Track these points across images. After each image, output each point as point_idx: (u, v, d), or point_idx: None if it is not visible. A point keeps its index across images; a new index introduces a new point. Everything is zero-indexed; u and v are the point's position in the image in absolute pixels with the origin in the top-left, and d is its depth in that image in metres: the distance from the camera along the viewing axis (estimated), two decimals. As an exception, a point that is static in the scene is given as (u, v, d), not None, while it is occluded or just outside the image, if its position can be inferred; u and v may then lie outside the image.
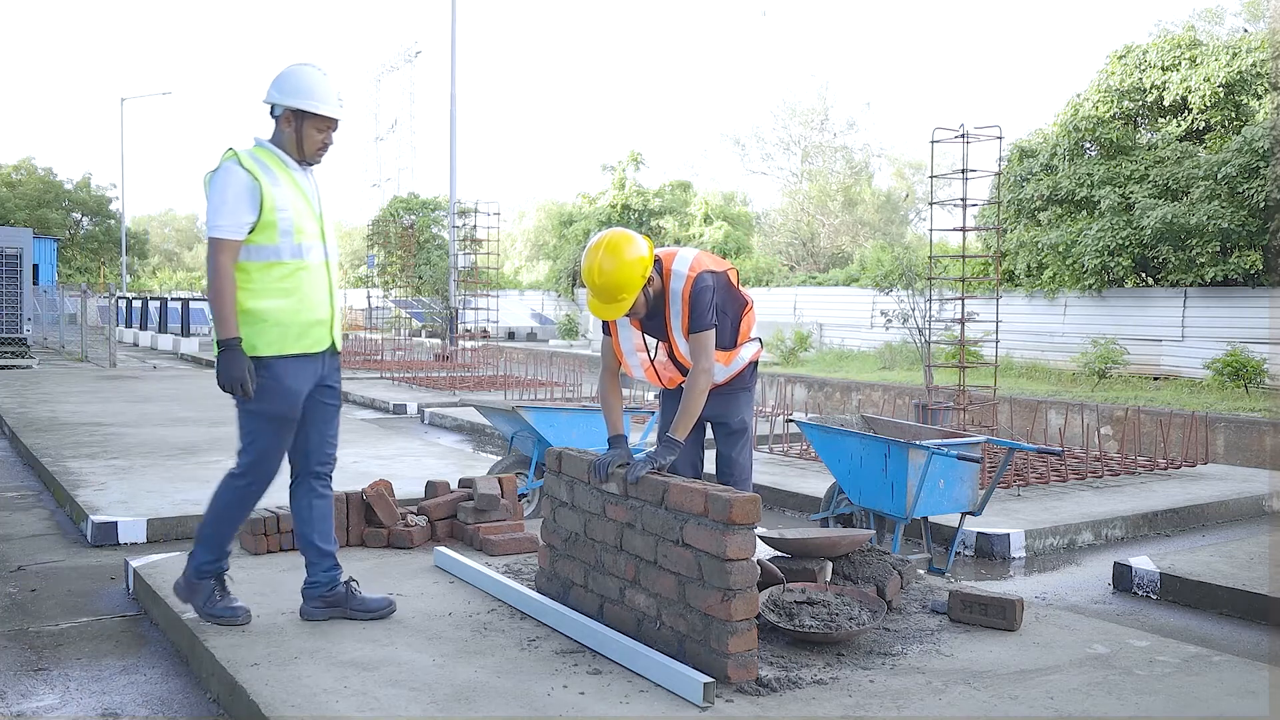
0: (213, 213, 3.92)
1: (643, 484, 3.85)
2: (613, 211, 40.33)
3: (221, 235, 3.90)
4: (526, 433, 7.18)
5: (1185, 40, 20.35)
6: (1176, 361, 18.60)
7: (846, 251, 40.91)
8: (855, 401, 17.43)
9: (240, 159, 3.97)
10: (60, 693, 3.89)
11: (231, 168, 3.95)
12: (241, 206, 3.91)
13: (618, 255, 4.11)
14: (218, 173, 3.98)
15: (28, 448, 9.23)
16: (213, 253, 3.92)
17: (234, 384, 3.92)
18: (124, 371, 18.66)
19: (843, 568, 4.51)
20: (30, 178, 52.61)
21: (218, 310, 3.89)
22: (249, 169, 3.95)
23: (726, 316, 4.47)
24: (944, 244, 18.00)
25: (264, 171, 3.98)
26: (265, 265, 3.97)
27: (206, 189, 4.00)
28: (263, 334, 3.96)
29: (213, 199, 3.94)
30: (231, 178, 3.93)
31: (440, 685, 3.55)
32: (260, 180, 3.95)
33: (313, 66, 4.12)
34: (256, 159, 4.01)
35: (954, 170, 11.94)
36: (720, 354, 4.46)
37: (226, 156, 4.00)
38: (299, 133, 4.08)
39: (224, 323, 3.89)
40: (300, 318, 4.03)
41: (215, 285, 3.90)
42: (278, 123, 4.10)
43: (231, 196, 3.91)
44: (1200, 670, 3.85)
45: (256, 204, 3.93)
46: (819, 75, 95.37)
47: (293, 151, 4.10)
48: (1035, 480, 8.24)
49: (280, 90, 4.06)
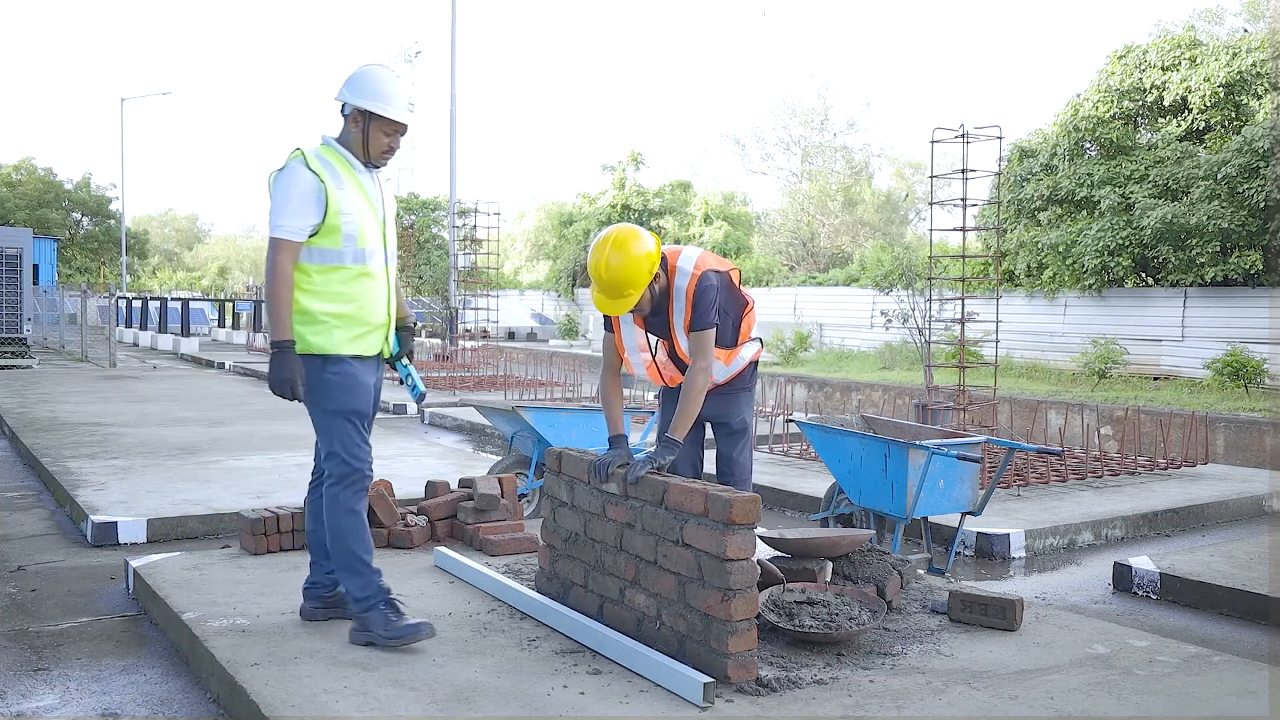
0: (275, 212, 3.86)
1: (643, 484, 3.85)
2: (613, 211, 40.32)
3: (283, 236, 3.84)
4: (526, 433, 7.18)
5: (1185, 40, 20.35)
6: (1176, 361, 18.60)
7: (846, 251, 40.90)
8: (855, 401, 17.43)
9: (307, 160, 3.90)
10: (60, 693, 3.90)
11: (298, 168, 3.89)
12: (306, 208, 3.85)
13: (625, 251, 4.11)
14: (283, 172, 3.91)
15: (28, 448, 9.23)
16: (272, 253, 3.85)
17: (284, 385, 3.83)
18: (124, 371, 18.66)
19: (843, 568, 4.51)
20: (30, 178, 52.59)
21: (275, 312, 3.82)
22: (315, 170, 3.88)
23: (728, 316, 4.48)
24: (944, 244, 18.00)
25: (330, 173, 3.91)
26: (327, 269, 3.92)
27: (270, 187, 3.94)
28: (326, 333, 3.91)
29: (276, 198, 3.88)
30: (297, 178, 3.87)
31: (440, 685, 3.55)
32: (326, 183, 3.88)
33: (386, 68, 4.06)
34: (323, 159, 3.94)
35: (954, 170, 11.94)
36: (721, 353, 4.47)
37: (293, 156, 3.93)
38: (366, 134, 4.01)
39: (280, 325, 3.82)
40: (359, 322, 3.98)
41: (274, 286, 3.84)
42: (346, 122, 4.04)
43: (296, 197, 3.85)
44: (1200, 670, 3.85)
45: (321, 207, 3.87)
46: (819, 75, 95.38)
47: (359, 153, 4.03)
48: (1035, 480, 8.24)
49: (351, 90, 3.99)
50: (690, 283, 4.27)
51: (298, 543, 5.40)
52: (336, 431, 3.98)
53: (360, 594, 3.96)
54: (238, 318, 36.65)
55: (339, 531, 3.99)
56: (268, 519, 5.36)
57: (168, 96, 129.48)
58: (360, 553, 3.99)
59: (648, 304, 4.26)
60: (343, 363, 3.95)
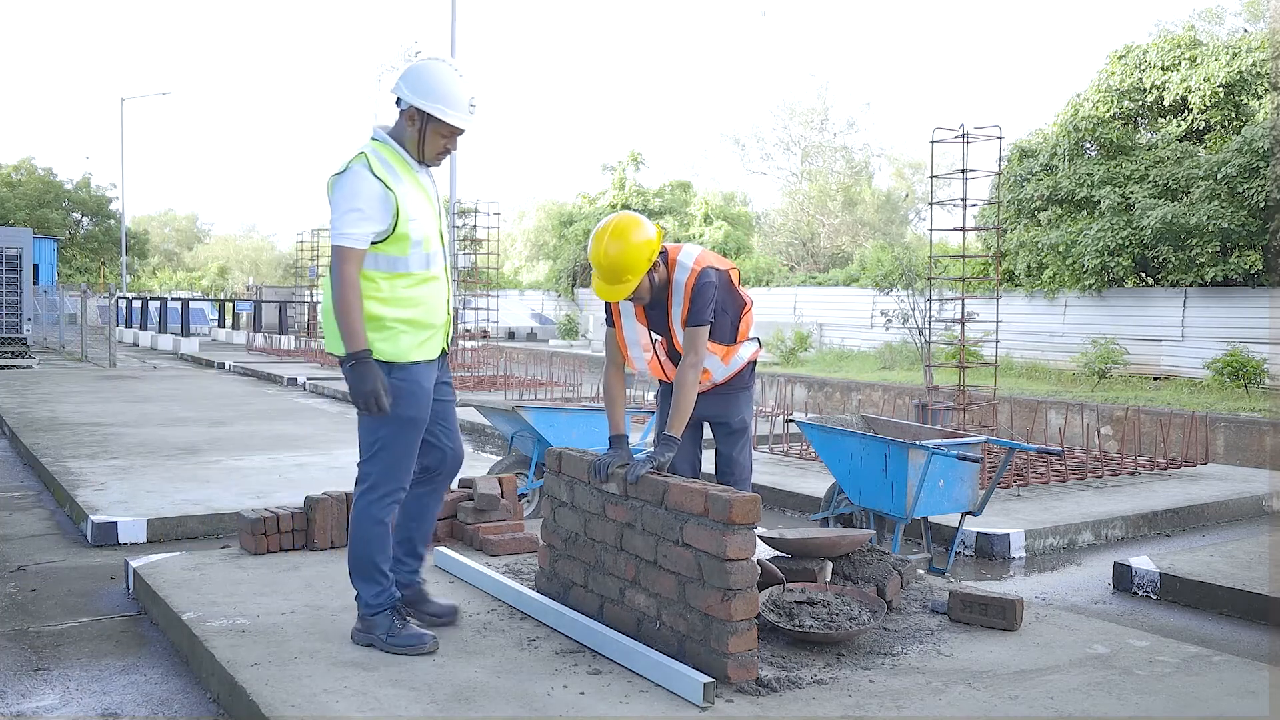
0: (339, 220, 3.71)
1: (643, 484, 3.85)
2: (613, 211, 40.33)
3: (349, 244, 3.69)
4: (526, 433, 7.18)
5: (1185, 40, 20.35)
6: (1176, 361, 18.60)
7: (846, 251, 40.91)
8: (855, 401, 17.43)
9: (371, 164, 3.75)
10: (60, 693, 3.90)
11: (363, 173, 3.73)
12: (374, 216, 3.71)
13: (625, 237, 4.11)
14: (346, 176, 3.75)
15: (28, 448, 9.23)
16: (338, 262, 3.70)
17: (369, 399, 3.69)
18: (124, 371, 18.67)
19: (843, 568, 4.51)
20: (30, 178, 52.59)
21: (346, 322, 3.68)
22: (380, 176, 3.74)
23: (726, 315, 4.48)
24: (944, 244, 18.00)
25: (393, 177, 3.78)
26: (394, 275, 3.80)
27: (331, 191, 3.80)
28: (394, 340, 3.81)
29: (340, 204, 3.72)
30: (363, 184, 3.71)
31: (440, 685, 3.55)
32: (393, 190, 3.75)
33: (449, 65, 3.88)
34: (384, 161, 3.80)
35: (954, 170, 11.94)
36: (719, 350, 4.48)
37: (357, 160, 3.77)
38: (422, 134, 3.86)
39: (353, 335, 3.68)
40: (425, 327, 3.89)
41: (343, 296, 3.69)
42: (401, 117, 3.88)
43: (363, 204, 3.70)
44: (1200, 670, 3.85)
45: (389, 214, 3.74)
46: (819, 75, 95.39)
47: (413, 151, 3.90)
48: (1035, 480, 8.24)
49: (410, 86, 3.82)
50: (690, 278, 4.27)
51: (297, 543, 5.40)
52: (390, 440, 3.86)
53: (373, 600, 3.92)
54: (238, 318, 36.67)
55: (364, 538, 3.92)
56: (268, 519, 5.36)
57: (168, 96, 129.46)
58: (380, 562, 3.94)
59: (646, 292, 4.25)
60: (408, 369, 3.85)
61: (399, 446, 3.88)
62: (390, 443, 3.87)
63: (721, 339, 4.48)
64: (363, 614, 3.95)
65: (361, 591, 3.95)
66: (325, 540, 5.43)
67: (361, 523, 3.92)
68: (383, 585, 3.94)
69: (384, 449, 3.87)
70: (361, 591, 3.95)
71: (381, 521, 3.92)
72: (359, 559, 3.94)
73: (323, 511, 5.43)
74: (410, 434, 3.90)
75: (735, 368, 4.58)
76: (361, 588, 3.95)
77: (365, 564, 3.94)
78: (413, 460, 3.96)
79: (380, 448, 3.87)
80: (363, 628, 3.95)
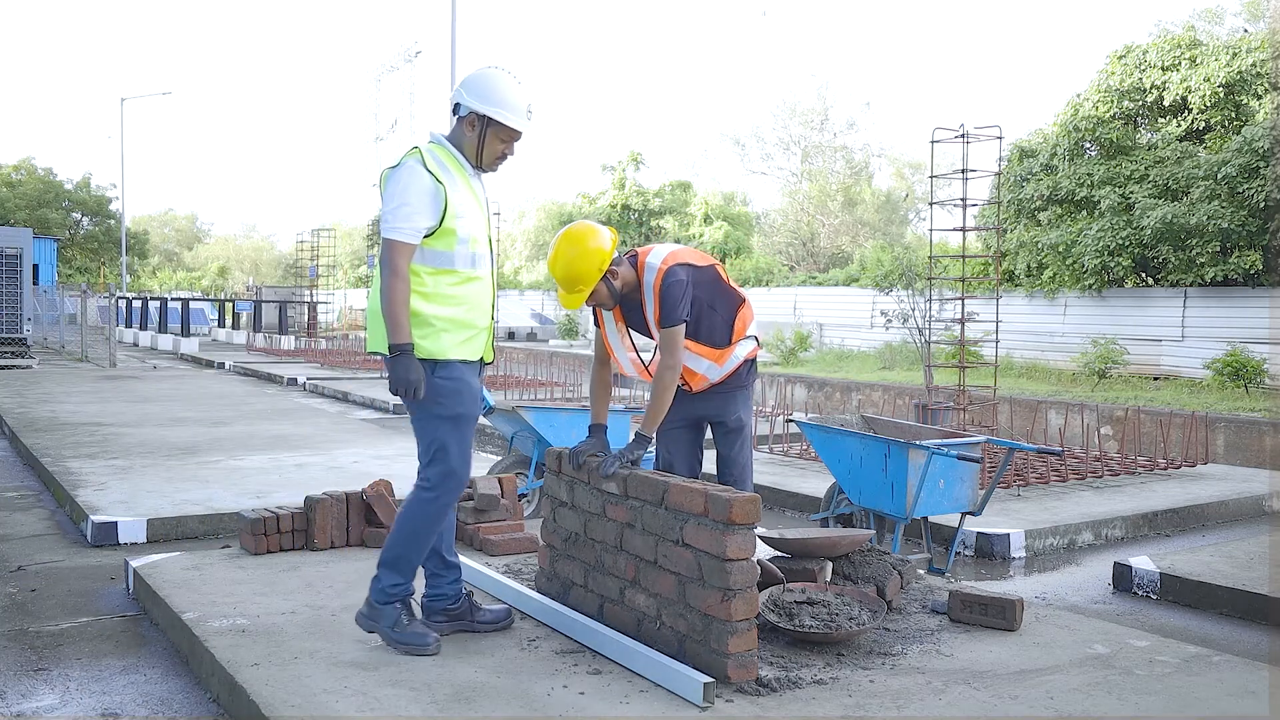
0: (391, 213, 3.77)
1: (643, 484, 3.85)
2: (613, 211, 40.34)
3: (400, 238, 3.74)
4: (526, 433, 7.18)
5: (1185, 40, 20.35)
6: (1176, 361, 18.61)
7: (846, 251, 40.91)
8: (855, 401, 17.43)
9: (425, 160, 3.81)
10: (60, 693, 3.89)
11: (416, 168, 3.79)
12: (424, 210, 3.76)
13: (575, 246, 4.17)
14: (400, 170, 3.82)
15: (28, 448, 9.23)
16: (390, 255, 3.75)
17: (408, 387, 3.73)
18: (124, 371, 18.67)
19: (843, 568, 4.51)
20: (30, 178, 52.59)
21: (392, 314, 3.73)
22: (432, 170, 3.79)
23: (716, 313, 4.46)
24: (944, 244, 18.00)
25: (445, 174, 3.83)
26: (439, 271, 3.83)
27: (384, 186, 3.86)
28: (435, 337, 3.83)
29: (393, 198, 3.78)
30: (416, 179, 3.78)
31: (440, 685, 3.55)
32: (444, 184, 3.80)
33: (508, 72, 3.97)
34: (438, 160, 3.86)
35: (954, 170, 11.94)
36: (713, 352, 4.47)
37: (411, 155, 3.85)
38: (482, 139, 3.93)
39: (399, 327, 3.73)
40: (467, 326, 3.91)
41: (391, 288, 3.73)
42: (460, 123, 3.95)
43: (414, 198, 3.76)
44: (1200, 670, 3.85)
45: (439, 209, 3.79)
46: (819, 75, 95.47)
47: (471, 156, 3.96)
48: (1035, 480, 8.24)
49: (471, 92, 3.90)
50: (656, 278, 4.28)
51: (297, 543, 5.40)
52: (444, 437, 3.87)
53: (391, 589, 3.89)
54: (238, 318, 36.68)
55: (414, 534, 3.90)
56: (267, 519, 5.36)
57: (168, 96, 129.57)
58: (416, 561, 3.93)
59: (608, 299, 4.29)
60: (451, 366, 3.87)
61: (457, 445, 3.90)
62: (448, 443, 3.88)
63: (714, 339, 4.46)
64: (374, 599, 3.91)
65: (383, 578, 3.90)
66: (325, 540, 5.43)
67: (418, 519, 3.89)
68: (407, 580, 3.93)
69: (443, 450, 3.87)
70: (383, 578, 3.90)
71: (436, 523, 3.91)
72: (399, 552, 3.90)
73: (323, 511, 5.43)
74: (465, 431, 3.92)
75: (731, 366, 4.55)
76: (386, 576, 3.90)
77: (402, 558, 3.90)
78: (470, 460, 3.97)
79: (439, 449, 3.87)
80: (369, 613, 3.92)
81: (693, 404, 4.61)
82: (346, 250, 57.12)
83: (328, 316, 39.77)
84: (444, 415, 3.86)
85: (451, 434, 3.88)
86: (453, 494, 3.92)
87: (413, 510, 3.91)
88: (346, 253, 57.32)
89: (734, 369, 4.56)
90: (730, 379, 4.57)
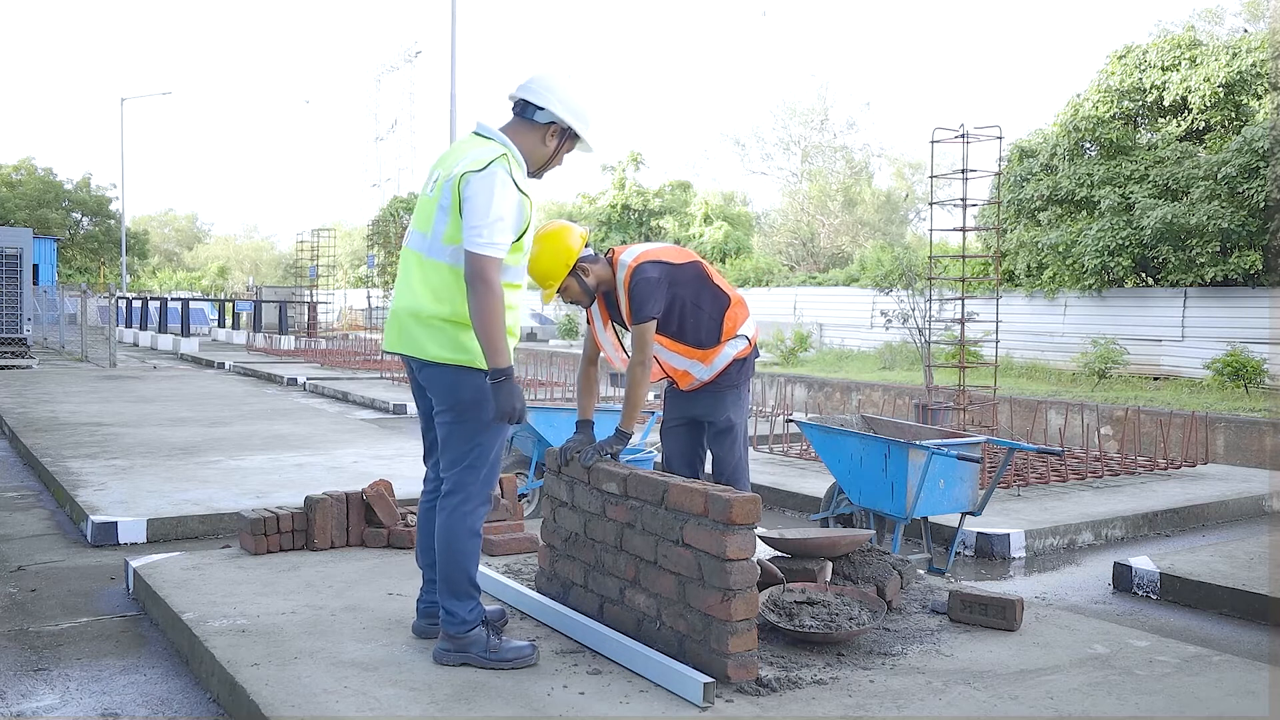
0: (489, 228, 3.53)
1: (643, 484, 3.85)
2: (613, 211, 40.34)
3: (496, 254, 3.54)
4: (526, 433, 7.18)
5: (1185, 40, 20.35)
6: (1176, 361, 18.61)
7: (846, 251, 40.91)
8: (855, 401, 17.43)
9: (511, 171, 3.62)
10: (60, 693, 3.89)
11: (509, 181, 3.59)
12: (514, 225, 3.61)
13: (543, 244, 4.27)
14: (492, 180, 3.57)
15: (28, 448, 9.23)
16: (485, 270, 3.51)
17: (515, 415, 3.56)
18: (124, 371, 18.66)
19: (843, 568, 4.51)
20: (30, 178, 52.58)
21: (491, 335, 3.51)
22: (518, 183, 3.63)
23: (703, 311, 4.46)
24: (944, 244, 18.01)
25: (526, 187, 3.70)
26: (507, 285, 3.67)
27: (466, 189, 3.58)
28: None
29: (488, 211, 3.53)
30: (510, 192, 3.59)
31: (440, 685, 3.55)
32: (528, 198, 3.67)
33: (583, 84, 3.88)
34: (518, 170, 3.70)
35: (954, 170, 11.95)
36: (698, 353, 4.48)
37: (499, 162, 3.60)
38: (558, 151, 3.82)
39: (500, 351, 3.53)
40: (513, 334, 3.78)
41: (490, 308, 3.50)
42: (533, 129, 3.78)
43: (508, 213, 3.57)
44: (1200, 670, 3.85)
45: (522, 224, 3.65)
46: (819, 75, 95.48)
47: (533, 163, 3.82)
48: (1035, 480, 8.24)
49: (565, 103, 3.75)
50: (626, 275, 4.34)
51: (297, 543, 5.40)
52: (486, 446, 3.75)
53: (468, 616, 3.72)
54: (238, 318, 36.67)
55: (459, 552, 3.72)
56: (267, 519, 5.36)
57: (168, 96, 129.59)
58: (475, 576, 3.77)
59: (581, 295, 4.40)
60: None
61: (494, 453, 3.83)
62: (487, 450, 3.77)
63: (700, 339, 4.46)
64: (454, 633, 3.71)
65: (456, 610, 3.71)
66: (325, 540, 5.43)
67: (458, 535, 3.72)
68: (476, 600, 3.77)
69: (480, 457, 3.75)
70: (456, 610, 3.71)
71: (477, 533, 3.77)
72: (454, 575, 3.72)
73: (323, 511, 5.43)
74: (503, 439, 3.86)
75: (720, 365, 4.54)
76: (456, 606, 3.71)
77: (459, 578, 3.72)
78: (500, 466, 3.92)
79: (478, 455, 3.74)
80: (454, 647, 3.72)
81: (686, 403, 4.65)
82: (346, 250, 57.09)
83: (328, 316, 39.79)
84: (488, 420, 3.71)
85: (494, 440, 3.79)
86: (486, 501, 3.82)
87: (451, 527, 3.74)
88: (346, 253, 57.28)
89: (723, 368, 4.55)
90: (720, 378, 4.57)
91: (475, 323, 3.55)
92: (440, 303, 3.67)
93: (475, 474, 3.75)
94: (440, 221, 3.68)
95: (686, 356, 4.49)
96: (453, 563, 3.72)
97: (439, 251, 3.68)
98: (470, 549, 3.75)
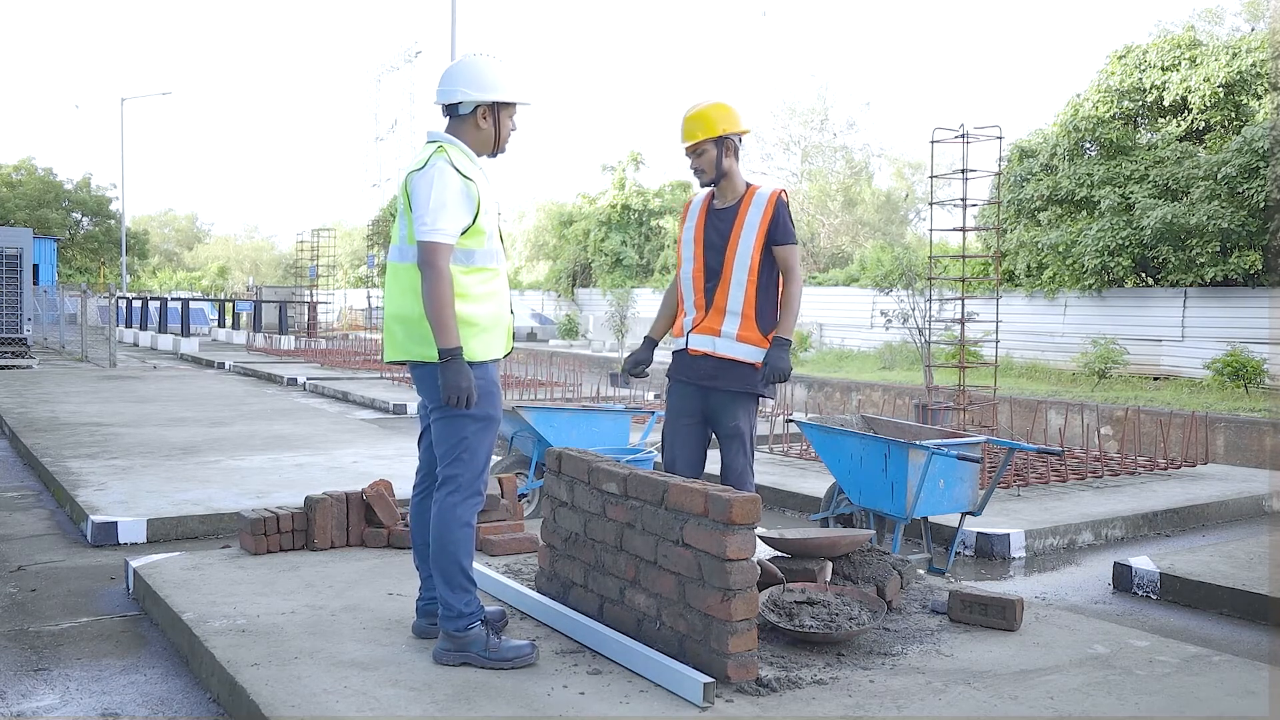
0: (431, 215, 3.67)
1: (643, 484, 3.85)
2: (613, 211, 40.31)
3: (441, 239, 3.65)
4: (526, 433, 7.18)
5: (1185, 40, 20.36)
6: (1176, 361, 18.61)
7: (846, 251, 40.89)
8: (855, 401, 17.43)
9: (452, 159, 3.74)
10: (60, 693, 3.89)
11: (446, 169, 3.72)
12: (460, 210, 3.70)
13: (715, 104, 4.57)
14: (430, 172, 3.73)
15: (28, 448, 9.23)
16: (432, 257, 3.64)
17: (460, 394, 3.63)
18: (124, 371, 18.66)
19: (843, 568, 4.51)
20: (30, 178, 52.59)
21: (441, 318, 3.63)
22: (461, 169, 3.74)
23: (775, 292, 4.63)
24: (944, 244, 18.00)
25: (474, 172, 3.80)
26: (471, 270, 3.77)
27: (410, 188, 3.76)
28: (476, 338, 3.78)
29: (429, 201, 3.68)
30: (449, 179, 3.70)
31: (440, 685, 3.55)
32: (474, 181, 3.76)
33: (489, 57, 3.92)
34: (463, 158, 3.81)
35: (954, 170, 11.95)
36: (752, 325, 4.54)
37: (437, 155, 3.75)
38: (498, 126, 3.90)
39: (448, 331, 3.63)
40: (497, 324, 3.87)
41: (437, 292, 3.63)
42: (464, 121, 3.88)
43: (450, 199, 3.68)
44: (1200, 670, 3.85)
45: (472, 207, 3.74)
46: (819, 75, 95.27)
47: (483, 148, 3.92)
48: (1035, 480, 8.24)
49: (473, 86, 3.84)
50: (772, 195, 4.57)
51: (297, 543, 5.40)
52: (473, 439, 3.80)
53: (466, 609, 3.76)
54: (238, 318, 36.67)
55: (451, 542, 3.78)
56: (267, 519, 5.36)
57: (168, 96, 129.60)
58: (468, 568, 3.81)
59: (710, 165, 4.57)
60: (485, 368, 3.83)
61: (483, 446, 3.85)
62: (475, 443, 3.82)
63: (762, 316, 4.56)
64: (453, 630, 3.74)
65: (453, 602, 3.75)
66: (325, 540, 5.43)
67: (449, 526, 3.78)
68: (472, 594, 3.82)
69: (468, 450, 3.81)
70: (453, 602, 3.75)
71: (469, 524, 3.83)
72: (446, 566, 3.77)
73: (323, 511, 5.43)
74: (492, 433, 3.88)
75: (740, 354, 4.55)
76: (452, 598, 3.76)
77: (453, 570, 3.77)
78: (491, 460, 3.94)
79: (465, 449, 3.80)
80: (453, 646, 3.75)
81: (700, 397, 4.63)
82: (346, 250, 57.09)
83: (328, 316, 39.78)
84: (476, 416, 3.78)
85: (481, 433, 3.83)
86: (478, 495, 3.86)
87: (444, 520, 3.80)
88: (346, 253, 57.28)
89: (741, 359, 4.55)
90: (741, 376, 4.56)
91: (425, 306, 3.68)
92: (417, 302, 3.76)
93: (464, 467, 3.82)
94: (403, 226, 3.87)
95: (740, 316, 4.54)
96: (444, 553, 3.79)
97: (407, 254, 3.83)
98: (462, 539, 3.81)
